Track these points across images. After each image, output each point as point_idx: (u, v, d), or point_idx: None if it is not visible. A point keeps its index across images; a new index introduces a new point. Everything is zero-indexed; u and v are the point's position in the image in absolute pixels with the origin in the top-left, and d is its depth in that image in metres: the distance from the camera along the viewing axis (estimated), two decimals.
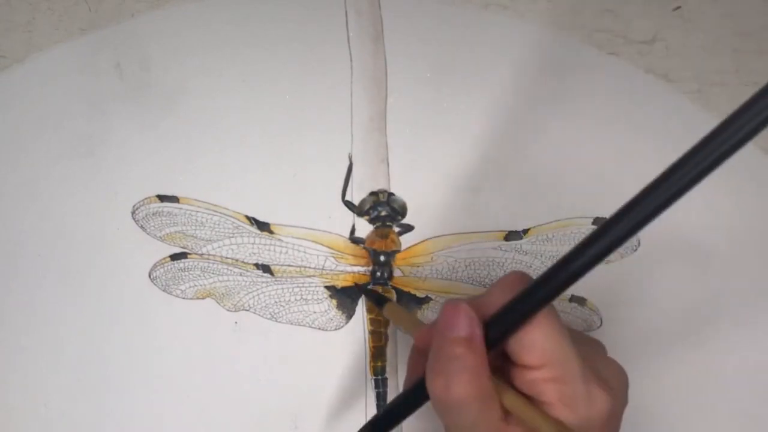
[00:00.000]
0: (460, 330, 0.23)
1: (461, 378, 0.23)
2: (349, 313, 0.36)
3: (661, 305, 0.36)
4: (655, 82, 0.39)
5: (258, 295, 0.36)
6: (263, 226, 0.36)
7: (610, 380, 0.25)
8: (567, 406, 0.23)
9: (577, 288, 0.36)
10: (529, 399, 0.24)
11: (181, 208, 0.36)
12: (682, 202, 0.39)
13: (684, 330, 0.36)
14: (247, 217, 0.36)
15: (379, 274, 0.36)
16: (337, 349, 0.36)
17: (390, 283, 0.36)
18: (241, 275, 0.36)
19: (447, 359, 0.23)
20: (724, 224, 0.37)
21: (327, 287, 0.36)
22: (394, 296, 0.36)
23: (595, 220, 0.36)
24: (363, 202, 0.37)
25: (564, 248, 0.36)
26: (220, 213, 0.36)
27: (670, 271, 0.37)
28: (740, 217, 0.37)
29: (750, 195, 0.37)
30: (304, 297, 0.36)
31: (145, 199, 0.36)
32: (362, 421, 0.35)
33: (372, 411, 0.35)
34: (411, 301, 0.36)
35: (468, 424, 0.23)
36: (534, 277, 0.24)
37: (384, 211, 0.36)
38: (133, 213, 0.36)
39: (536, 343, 0.23)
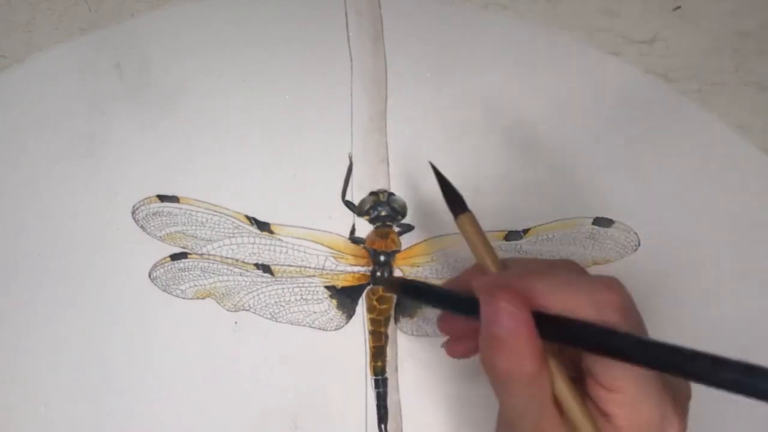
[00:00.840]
0: (507, 324, 0.23)
1: (507, 356, 0.23)
2: (349, 313, 0.36)
3: (660, 305, 0.36)
4: (655, 82, 0.39)
5: (258, 295, 0.36)
6: (263, 226, 0.36)
7: (682, 393, 0.24)
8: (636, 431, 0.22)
9: None
10: (600, 415, 0.23)
11: (181, 208, 0.36)
12: (682, 201, 0.39)
13: (684, 330, 0.36)
14: (247, 217, 0.36)
15: (379, 274, 0.36)
16: (337, 349, 0.36)
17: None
18: (241, 275, 0.36)
19: (490, 338, 0.23)
20: (724, 224, 0.37)
21: (327, 287, 0.36)
22: (394, 296, 0.36)
23: (595, 220, 0.36)
24: (363, 202, 0.37)
25: (564, 248, 0.36)
26: (220, 213, 0.36)
27: (671, 271, 0.37)
28: (740, 217, 0.37)
29: (750, 195, 0.37)
30: (304, 297, 0.36)
31: (145, 199, 0.36)
32: (362, 421, 0.35)
33: (372, 411, 0.35)
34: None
35: (517, 403, 0.23)
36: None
37: (384, 211, 0.36)
38: (133, 213, 0.36)
39: (615, 368, 0.22)
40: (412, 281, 0.33)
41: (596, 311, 0.22)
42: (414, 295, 0.30)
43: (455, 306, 0.26)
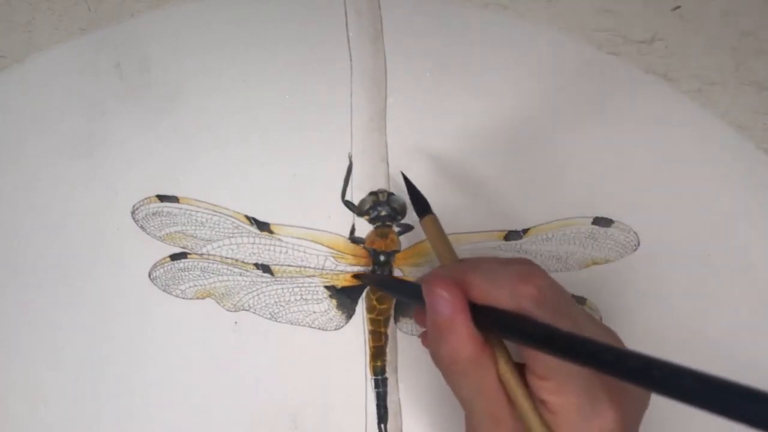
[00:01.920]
0: (443, 311, 0.25)
1: (447, 342, 0.25)
2: (349, 313, 0.36)
3: (660, 304, 0.36)
4: (655, 82, 0.39)
5: (258, 295, 0.36)
6: (263, 226, 0.36)
7: (630, 388, 0.24)
8: (567, 418, 0.23)
9: (577, 287, 0.36)
10: (540, 403, 0.24)
11: (181, 208, 0.36)
12: (682, 201, 0.39)
13: (683, 329, 0.36)
14: (247, 217, 0.36)
15: (379, 273, 0.36)
16: (337, 349, 0.36)
17: (353, 276, 0.36)
18: (241, 275, 0.36)
19: (432, 327, 0.25)
20: (723, 224, 0.37)
21: (327, 287, 0.36)
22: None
23: (595, 220, 0.36)
24: (363, 202, 0.37)
25: (564, 248, 0.36)
26: (220, 213, 0.36)
27: (670, 271, 0.37)
28: (740, 216, 0.37)
29: (750, 194, 0.37)
30: (304, 297, 0.36)
31: (145, 199, 0.36)
32: (362, 421, 0.35)
33: (372, 411, 0.35)
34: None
35: (463, 388, 0.25)
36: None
37: (384, 211, 0.36)
38: (133, 213, 0.36)
39: (544, 357, 0.23)
40: (380, 276, 0.35)
41: (513, 301, 0.24)
42: (379, 285, 0.34)
43: (415, 297, 0.27)
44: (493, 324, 0.24)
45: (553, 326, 0.22)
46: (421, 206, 0.31)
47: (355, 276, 0.36)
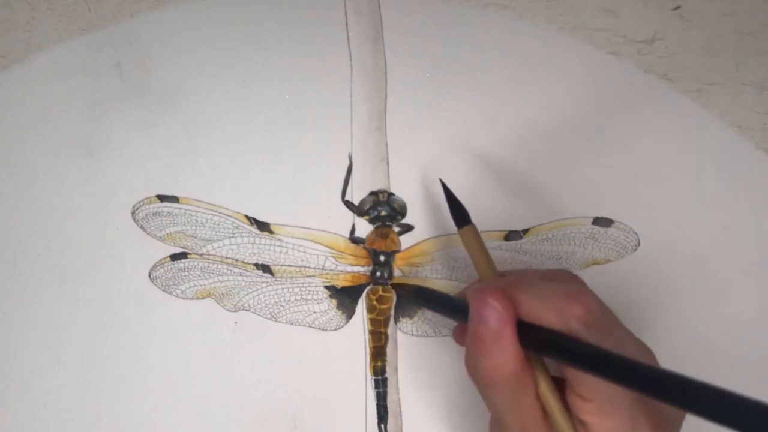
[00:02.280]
0: (490, 324, 0.24)
1: (490, 356, 0.24)
2: (349, 313, 0.36)
3: (660, 304, 0.36)
4: (655, 82, 0.39)
5: (258, 295, 0.36)
6: (263, 226, 0.36)
7: (666, 411, 0.24)
8: None
9: None
10: (579, 423, 0.24)
11: (181, 208, 0.36)
12: (682, 201, 0.39)
13: (684, 330, 0.36)
14: (247, 217, 0.36)
15: (379, 274, 0.36)
16: (337, 349, 0.36)
17: (390, 283, 0.36)
18: (241, 275, 0.36)
19: (475, 338, 0.25)
20: (723, 223, 0.37)
21: (327, 287, 0.36)
22: (393, 296, 0.36)
23: (595, 220, 0.36)
24: (363, 202, 0.37)
25: (564, 248, 0.36)
26: (220, 213, 0.36)
27: (670, 271, 0.37)
28: (740, 216, 0.37)
29: (750, 195, 0.37)
30: (304, 297, 0.36)
31: (145, 199, 0.36)
32: (362, 421, 0.35)
33: (372, 411, 0.35)
34: (411, 301, 0.36)
35: (501, 403, 0.25)
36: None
37: (384, 211, 0.36)
38: (133, 213, 0.36)
39: (589, 378, 0.23)
40: (421, 287, 0.34)
41: (560, 321, 0.23)
42: (417, 299, 0.32)
43: (453, 310, 0.26)
44: (539, 343, 0.24)
45: (603, 349, 0.21)
46: (461, 216, 0.30)
47: (394, 285, 0.36)
